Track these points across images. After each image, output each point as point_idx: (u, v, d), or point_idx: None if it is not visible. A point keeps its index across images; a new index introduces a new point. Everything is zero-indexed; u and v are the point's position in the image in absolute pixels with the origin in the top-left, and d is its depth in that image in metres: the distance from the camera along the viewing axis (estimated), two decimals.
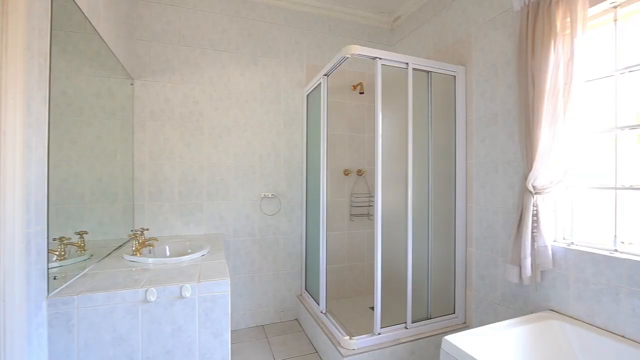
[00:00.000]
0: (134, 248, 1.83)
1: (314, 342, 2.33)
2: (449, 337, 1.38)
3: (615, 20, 1.51)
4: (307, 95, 2.70)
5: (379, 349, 1.87)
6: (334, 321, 2.12)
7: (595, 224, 1.59)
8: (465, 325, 2.16)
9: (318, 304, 2.32)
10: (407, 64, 2.01)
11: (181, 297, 1.35)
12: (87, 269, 1.52)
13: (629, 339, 1.37)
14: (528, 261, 1.62)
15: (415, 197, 2.06)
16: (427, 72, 2.12)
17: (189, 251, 1.98)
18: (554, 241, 1.67)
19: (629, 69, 1.46)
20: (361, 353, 1.83)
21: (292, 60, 2.78)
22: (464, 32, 2.23)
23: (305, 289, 2.72)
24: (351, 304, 2.84)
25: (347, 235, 2.97)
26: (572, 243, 1.64)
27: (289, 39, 2.77)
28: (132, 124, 2.33)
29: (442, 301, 2.19)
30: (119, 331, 1.27)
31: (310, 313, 2.40)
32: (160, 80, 2.41)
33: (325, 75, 2.26)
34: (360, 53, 1.88)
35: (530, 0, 1.66)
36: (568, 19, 1.51)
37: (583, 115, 1.51)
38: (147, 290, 1.30)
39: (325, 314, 2.25)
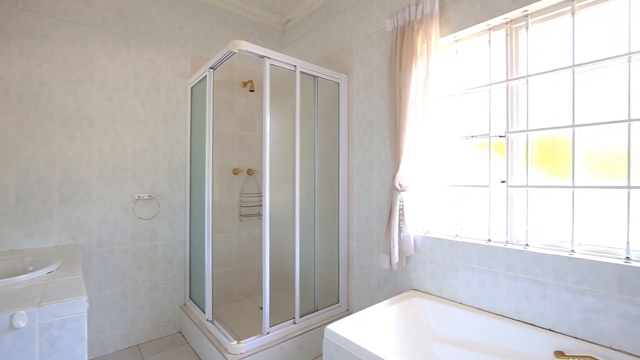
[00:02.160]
0: None
1: (200, 353, 2.17)
2: (330, 326, 1.47)
3: (457, 51, 1.88)
4: (192, 88, 2.50)
5: (268, 348, 1.87)
6: (221, 328, 2.01)
7: (446, 215, 1.95)
8: (348, 313, 2.35)
9: (204, 312, 2.17)
10: (295, 66, 2.07)
11: (12, 328, 1.05)
12: None
13: (465, 304, 1.73)
14: (396, 249, 1.86)
15: (303, 196, 2.14)
16: (314, 76, 2.22)
17: (30, 268, 1.58)
18: (415, 231, 1.97)
19: (465, 91, 1.84)
20: (249, 356, 1.80)
21: (174, 47, 2.52)
22: (347, 44, 2.43)
23: (190, 298, 2.51)
24: (241, 307, 2.76)
25: (236, 237, 2.87)
26: (428, 232, 1.96)
27: (170, 24, 2.50)
28: None
29: (328, 293, 2.33)
30: None
31: (195, 323, 2.22)
32: None
33: (211, 68, 2.13)
34: (248, 50, 1.84)
35: (399, 24, 1.92)
36: (425, 45, 1.80)
37: (437, 125, 1.84)
38: None
39: (211, 321, 2.12)
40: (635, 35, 1.31)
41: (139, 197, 2.33)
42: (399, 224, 1.88)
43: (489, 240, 1.70)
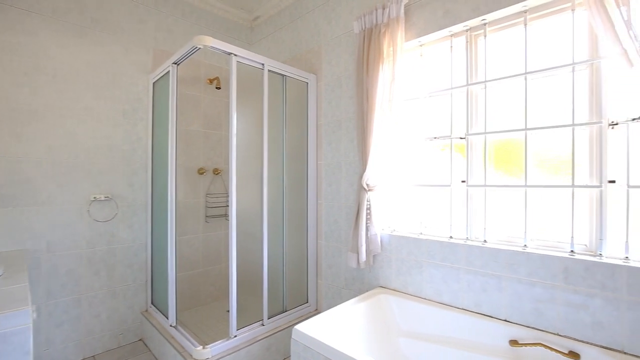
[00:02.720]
0: None
1: None
2: (298, 327, 1.47)
3: (421, 55, 1.94)
4: (154, 83, 2.38)
5: (235, 352, 1.83)
6: (185, 333, 1.94)
7: (411, 214, 2.01)
8: (316, 312, 2.36)
9: (167, 318, 2.08)
10: (263, 64, 2.04)
11: None
12: None
13: (429, 299, 1.79)
14: (363, 248, 1.89)
15: (271, 196, 2.11)
16: (283, 75, 2.20)
17: None
18: (382, 230, 2.02)
19: (429, 94, 1.91)
20: None
21: (134, 40, 2.39)
22: (316, 44, 2.44)
23: (152, 303, 2.40)
24: (208, 311, 2.68)
25: (202, 239, 2.78)
26: (395, 230, 2.02)
27: (130, 15, 2.37)
28: None
29: (297, 293, 2.32)
30: None
31: (157, 329, 2.12)
32: None
33: (175, 63, 2.05)
34: (214, 46, 1.79)
35: (366, 26, 1.96)
36: (391, 48, 1.85)
37: (403, 126, 1.89)
38: None
39: (175, 327, 2.04)
40: (579, 46, 1.42)
41: (94, 198, 2.19)
42: (367, 223, 1.92)
43: (451, 237, 1.77)
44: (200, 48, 1.81)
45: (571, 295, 1.36)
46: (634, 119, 1.28)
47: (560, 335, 1.38)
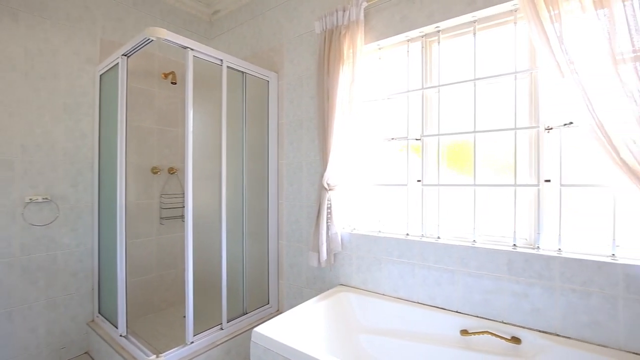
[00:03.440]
0: None
1: None
2: (258, 329, 1.44)
3: (380, 58, 2.00)
4: (102, 76, 2.21)
5: (192, 358, 1.76)
6: (137, 342, 1.83)
7: (371, 213, 2.05)
8: (278, 313, 2.34)
9: (116, 327, 1.94)
10: (221, 60, 1.98)
11: None
12: None
13: (387, 295, 1.85)
14: (324, 247, 1.91)
15: (230, 196, 2.06)
16: (243, 72, 2.15)
17: None
18: (343, 228, 2.05)
19: (388, 97, 1.97)
20: None
21: (78, 28, 2.20)
22: (278, 42, 2.41)
23: (100, 313, 2.22)
24: (163, 318, 2.55)
25: (156, 241, 2.63)
26: (355, 229, 2.05)
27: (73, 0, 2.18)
28: None
29: (258, 294, 2.28)
30: None
31: (105, 340, 1.98)
32: None
33: (125, 55, 1.91)
34: (168, 39, 1.70)
35: (327, 27, 1.97)
36: (351, 50, 1.88)
37: (363, 127, 1.93)
38: None
39: (126, 336, 1.91)
40: (521, 56, 1.55)
41: (30, 199, 1.98)
42: (327, 222, 1.93)
43: (408, 234, 1.84)
44: (153, 40, 1.71)
45: (514, 286, 1.48)
46: (565, 125, 1.42)
47: (504, 323, 1.50)
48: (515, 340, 1.42)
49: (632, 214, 1.32)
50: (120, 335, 1.91)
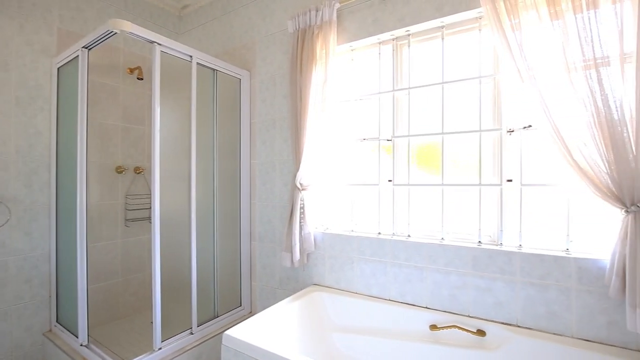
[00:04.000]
0: None
1: None
2: (229, 331, 1.41)
3: (352, 59, 2.02)
4: (59, 69, 2.07)
5: None
6: (100, 352, 1.73)
7: (344, 212, 2.07)
8: (251, 315, 2.30)
9: (77, 336, 1.83)
10: (191, 56, 1.92)
11: None
12: None
13: (360, 293, 1.87)
14: (297, 247, 1.90)
15: (201, 197, 2.00)
16: (214, 70, 2.09)
17: None
18: (316, 228, 2.05)
19: (360, 97, 1.99)
20: None
21: (33, 16, 2.04)
22: (250, 40, 2.37)
23: (58, 322, 2.08)
24: (129, 324, 2.43)
25: (121, 244, 2.50)
26: (328, 228, 2.06)
27: None
28: None
29: (230, 296, 2.23)
30: None
31: (64, 351, 1.86)
32: None
33: (86, 47, 1.81)
34: (134, 32, 1.62)
35: (300, 26, 1.96)
36: (324, 50, 1.88)
37: (335, 127, 1.94)
38: None
39: (87, 345, 1.80)
40: (486, 61, 1.62)
41: None
42: (300, 222, 1.93)
43: (379, 233, 1.88)
44: (116, 33, 1.63)
45: (479, 281, 1.54)
46: (525, 127, 1.50)
47: (470, 317, 1.56)
48: (481, 332, 1.49)
49: (584, 211, 1.42)
50: (81, 345, 1.80)
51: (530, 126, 1.48)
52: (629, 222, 1.15)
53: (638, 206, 1.13)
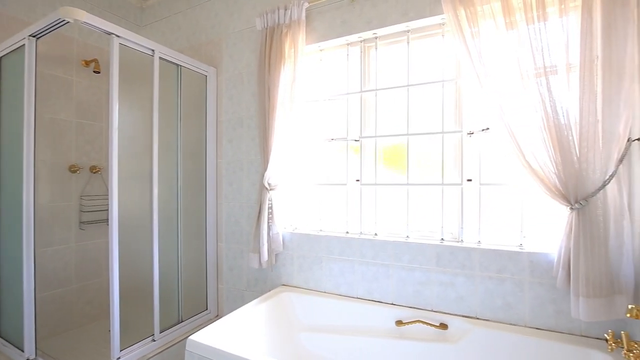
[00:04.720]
0: None
1: None
2: (193, 336, 1.36)
3: (321, 59, 2.02)
4: (2, 58, 1.89)
5: None
6: None
7: (312, 212, 2.07)
8: (217, 318, 2.23)
9: (22, 350, 1.68)
10: (153, 50, 1.83)
11: None
12: None
13: (328, 292, 1.88)
14: (265, 247, 1.88)
15: (163, 197, 1.91)
16: (178, 65, 2.01)
17: None
18: (284, 228, 2.03)
19: (328, 98, 2.00)
20: None
21: None
22: (217, 36, 2.30)
23: (0, 336, 1.90)
24: (84, 334, 2.27)
25: (75, 249, 2.34)
26: (296, 228, 2.06)
27: None
28: None
29: (195, 300, 2.16)
30: None
31: None
32: None
33: (33, 36, 1.67)
34: (88, 22, 1.52)
35: (269, 24, 1.94)
36: (292, 49, 1.87)
37: (304, 127, 1.93)
38: None
39: (34, 359, 1.66)
40: (449, 66, 1.69)
41: None
42: (269, 222, 1.91)
43: (347, 232, 1.90)
44: (69, 22, 1.51)
45: (441, 276, 1.61)
46: (483, 130, 1.58)
47: (434, 311, 1.62)
48: (443, 326, 1.55)
49: (536, 208, 1.52)
50: (28, 359, 1.66)
51: (488, 129, 1.57)
52: (573, 218, 1.25)
53: (581, 203, 1.23)
